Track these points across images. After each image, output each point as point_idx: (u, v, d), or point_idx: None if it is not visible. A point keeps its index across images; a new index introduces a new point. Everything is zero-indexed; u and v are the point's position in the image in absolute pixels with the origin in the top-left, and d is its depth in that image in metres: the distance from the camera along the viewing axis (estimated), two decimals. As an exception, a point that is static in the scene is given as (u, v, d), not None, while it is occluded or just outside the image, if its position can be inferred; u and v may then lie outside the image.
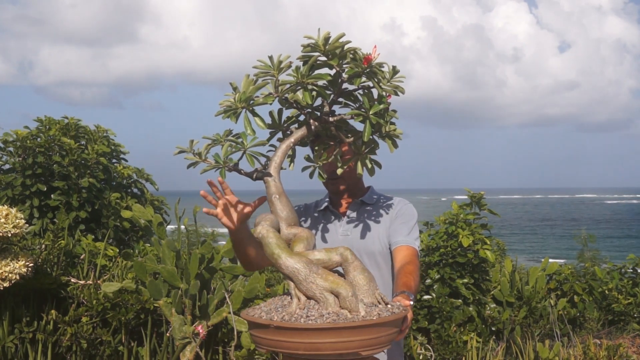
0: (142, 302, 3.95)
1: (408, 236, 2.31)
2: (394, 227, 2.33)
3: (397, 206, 2.40)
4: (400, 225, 2.33)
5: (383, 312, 1.71)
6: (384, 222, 2.36)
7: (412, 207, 2.43)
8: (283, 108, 2.07)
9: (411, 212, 2.40)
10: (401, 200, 2.45)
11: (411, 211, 2.40)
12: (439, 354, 4.50)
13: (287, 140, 2.00)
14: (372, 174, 2.12)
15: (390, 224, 2.35)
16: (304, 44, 1.88)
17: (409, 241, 2.29)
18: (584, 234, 9.12)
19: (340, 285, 1.71)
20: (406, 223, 2.34)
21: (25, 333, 3.80)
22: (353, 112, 1.97)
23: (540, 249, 35.23)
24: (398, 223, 2.34)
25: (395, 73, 1.95)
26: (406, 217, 2.36)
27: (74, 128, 5.65)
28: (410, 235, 2.31)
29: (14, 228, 3.59)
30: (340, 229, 2.36)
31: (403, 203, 2.43)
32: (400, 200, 2.44)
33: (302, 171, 2.17)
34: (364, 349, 1.65)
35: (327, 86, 1.99)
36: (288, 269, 1.74)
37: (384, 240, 2.33)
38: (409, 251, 2.26)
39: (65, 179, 5.23)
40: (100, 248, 4.40)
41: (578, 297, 5.62)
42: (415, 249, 2.29)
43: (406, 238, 2.30)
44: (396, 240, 2.30)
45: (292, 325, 1.63)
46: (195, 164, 1.95)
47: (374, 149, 2.06)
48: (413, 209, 2.42)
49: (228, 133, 1.96)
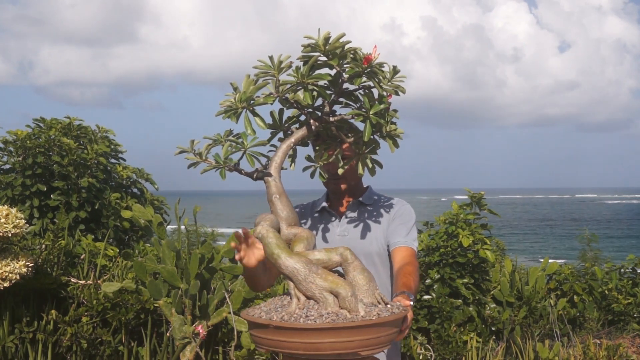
0: (142, 302, 3.95)
1: (406, 237, 2.31)
2: (392, 228, 2.34)
3: (396, 207, 2.41)
4: (399, 226, 2.34)
5: (383, 312, 1.71)
6: (382, 223, 2.36)
7: (410, 207, 2.44)
8: (284, 108, 2.07)
9: (409, 212, 2.40)
10: (399, 201, 2.45)
11: (409, 212, 2.41)
12: (439, 354, 4.50)
13: (287, 140, 2.00)
14: (373, 174, 2.12)
15: (388, 225, 2.35)
16: (304, 44, 1.88)
17: (408, 242, 2.30)
18: (586, 233, 9.10)
19: (339, 285, 1.71)
20: (404, 224, 2.35)
21: (26, 333, 3.80)
22: (354, 112, 1.97)
23: (540, 249, 35.23)
24: (396, 224, 2.35)
25: (395, 73, 1.95)
26: (404, 218, 2.37)
27: (76, 128, 5.65)
28: (408, 236, 2.32)
29: (14, 228, 3.59)
30: (338, 229, 2.37)
31: (401, 204, 2.43)
32: (398, 201, 2.45)
33: (303, 171, 2.18)
34: (364, 349, 1.65)
35: (327, 86, 1.99)
36: (288, 268, 1.74)
37: (382, 241, 2.34)
38: (408, 252, 2.27)
39: (65, 179, 5.23)
40: (100, 248, 4.40)
41: (578, 297, 5.62)
42: (413, 249, 2.30)
43: (404, 239, 2.30)
44: (394, 241, 2.30)
45: (291, 325, 1.64)
46: (195, 164, 1.95)
47: (375, 148, 2.07)
48: (411, 210, 2.43)
49: (229, 133, 1.96)
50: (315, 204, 2.49)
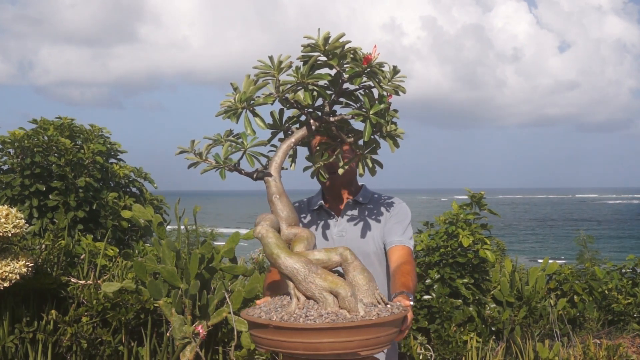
0: (142, 302, 3.95)
1: (402, 235, 2.32)
2: (388, 227, 2.35)
3: (391, 206, 2.42)
4: (395, 225, 2.34)
5: (382, 312, 1.71)
6: (378, 222, 2.37)
7: (405, 206, 2.45)
8: (284, 108, 2.07)
9: (405, 211, 2.41)
10: (395, 200, 2.46)
11: (405, 210, 2.41)
12: (439, 354, 4.50)
13: (287, 140, 2.00)
14: (374, 174, 2.13)
15: (384, 224, 2.36)
16: (304, 44, 1.88)
17: (404, 241, 2.31)
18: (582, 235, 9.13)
19: (339, 285, 1.71)
20: (400, 222, 2.36)
21: (26, 333, 3.80)
22: (353, 112, 1.97)
23: (540, 249, 35.22)
24: (392, 223, 2.35)
25: (396, 73, 1.95)
26: (400, 217, 2.38)
27: (68, 128, 5.64)
28: (404, 235, 2.33)
29: (14, 228, 3.59)
30: (335, 229, 2.37)
31: (397, 202, 2.44)
32: (393, 200, 2.46)
33: (304, 171, 2.18)
34: (363, 349, 1.65)
35: (328, 86, 1.99)
36: (287, 268, 1.74)
37: (379, 240, 2.34)
38: (404, 251, 2.27)
39: (62, 179, 5.23)
40: (100, 248, 4.40)
41: (578, 297, 5.62)
42: (410, 248, 2.31)
43: (401, 237, 2.31)
44: (391, 240, 2.31)
45: (290, 325, 1.64)
46: (196, 164, 1.95)
47: (376, 148, 2.07)
48: (407, 208, 2.44)
49: (229, 133, 1.97)
50: (310, 201, 2.48)
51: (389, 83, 1.95)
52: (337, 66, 1.90)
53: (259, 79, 1.94)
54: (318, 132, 2.10)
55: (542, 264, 5.67)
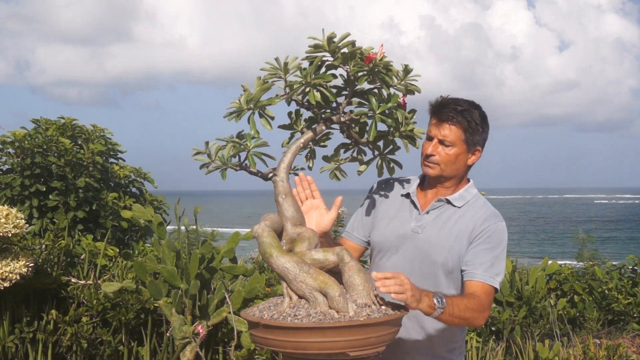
0: (142, 302, 3.95)
1: (489, 270, 2.00)
2: (474, 251, 2.04)
3: (486, 222, 2.07)
4: (483, 252, 2.03)
5: (374, 314, 1.71)
6: (463, 236, 2.07)
7: (503, 227, 2.10)
8: (299, 109, 2.06)
9: (500, 235, 2.07)
10: (492, 215, 2.10)
11: (500, 234, 2.07)
12: (439, 354, 4.50)
13: (297, 141, 2.01)
14: (392, 174, 2.11)
15: (469, 243, 2.06)
16: (311, 45, 1.88)
17: (487, 279, 1.99)
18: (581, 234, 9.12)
19: (328, 285, 1.72)
20: (491, 250, 2.03)
21: (26, 333, 3.80)
22: (360, 112, 1.97)
23: (540, 249, 35.24)
24: (481, 248, 2.04)
25: (407, 72, 1.93)
26: (493, 241, 2.05)
27: (70, 128, 5.64)
28: (491, 269, 2.01)
29: (14, 228, 3.59)
30: (412, 224, 2.14)
31: (494, 220, 2.09)
32: (492, 214, 2.10)
33: (321, 172, 2.16)
34: (352, 349, 1.65)
35: (343, 87, 1.98)
36: (279, 268, 1.76)
37: (455, 256, 2.06)
38: (483, 289, 1.98)
39: (62, 179, 5.23)
40: (100, 248, 4.40)
41: (578, 297, 5.62)
42: (492, 288, 2.00)
43: (484, 273, 2.00)
44: (472, 271, 2.01)
45: (278, 323, 1.67)
46: (207, 164, 1.97)
47: (394, 150, 2.06)
48: (504, 231, 2.09)
49: (240, 134, 1.98)
50: (403, 185, 2.22)
51: (402, 82, 1.92)
52: (342, 66, 1.90)
53: (267, 80, 1.95)
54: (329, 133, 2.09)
55: (542, 264, 5.68)
